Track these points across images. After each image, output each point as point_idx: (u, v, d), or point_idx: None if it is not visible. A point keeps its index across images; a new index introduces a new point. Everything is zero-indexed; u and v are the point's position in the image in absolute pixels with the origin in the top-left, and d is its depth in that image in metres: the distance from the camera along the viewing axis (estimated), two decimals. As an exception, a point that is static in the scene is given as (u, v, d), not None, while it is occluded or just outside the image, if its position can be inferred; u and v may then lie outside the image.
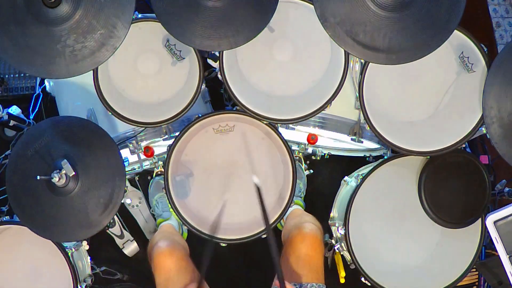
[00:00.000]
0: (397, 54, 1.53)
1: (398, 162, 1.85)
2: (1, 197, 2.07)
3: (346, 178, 2.00)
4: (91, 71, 1.62)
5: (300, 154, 2.12)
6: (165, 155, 1.81)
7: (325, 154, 2.13)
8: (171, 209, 1.85)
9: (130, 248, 2.22)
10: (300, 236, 1.69)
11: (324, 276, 1.66)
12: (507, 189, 2.05)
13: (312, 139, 1.93)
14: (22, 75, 2.41)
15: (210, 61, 1.77)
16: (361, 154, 2.11)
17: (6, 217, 1.79)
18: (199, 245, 1.87)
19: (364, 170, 1.98)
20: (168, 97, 1.82)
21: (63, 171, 1.50)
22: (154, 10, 1.56)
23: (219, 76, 1.74)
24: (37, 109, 2.33)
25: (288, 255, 1.69)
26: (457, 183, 1.83)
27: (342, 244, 1.92)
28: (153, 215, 2.23)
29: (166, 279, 1.64)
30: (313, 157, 2.16)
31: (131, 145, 1.86)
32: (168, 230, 1.94)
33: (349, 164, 2.16)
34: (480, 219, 1.84)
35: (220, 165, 1.90)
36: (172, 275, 1.64)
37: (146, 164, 2.03)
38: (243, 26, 1.56)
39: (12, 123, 2.20)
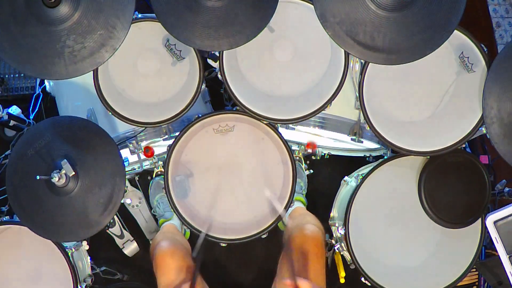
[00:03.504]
0: (397, 54, 1.53)
1: (398, 162, 1.85)
2: (1, 197, 2.07)
3: (346, 178, 2.00)
4: (91, 71, 1.61)
5: (300, 154, 2.12)
6: (165, 155, 1.81)
7: (325, 154, 2.13)
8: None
9: (130, 248, 2.22)
10: (302, 238, 1.68)
11: (325, 279, 1.65)
12: (507, 189, 2.05)
13: (311, 145, 1.95)
14: (22, 75, 2.41)
15: (210, 61, 1.77)
16: (361, 154, 2.10)
17: (6, 217, 1.80)
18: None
19: (364, 170, 1.97)
20: (168, 97, 1.82)
21: (63, 171, 1.50)
22: (154, 10, 1.56)
23: (219, 76, 1.74)
24: (37, 109, 2.33)
25: (289, 256, 1.68)
26: (457, 183, 1.83)
27: (342, 244, 1.92)
28: (154, 215, 2.22)
29: (167, 279, 1.64)
30: (313, 157, 2.16)
31: (131, 145, 1.86)
32: (170, 230, 1.94)
33: (349, 164, 2.16)
34: (480, 219, 1.83)
35: (220, 165, 1.90)
36: (174, 275, 1.64)
37: (146, 164, 2.03)
38: (243, 26, 1.56)
39: (12, 123, 2.19)
